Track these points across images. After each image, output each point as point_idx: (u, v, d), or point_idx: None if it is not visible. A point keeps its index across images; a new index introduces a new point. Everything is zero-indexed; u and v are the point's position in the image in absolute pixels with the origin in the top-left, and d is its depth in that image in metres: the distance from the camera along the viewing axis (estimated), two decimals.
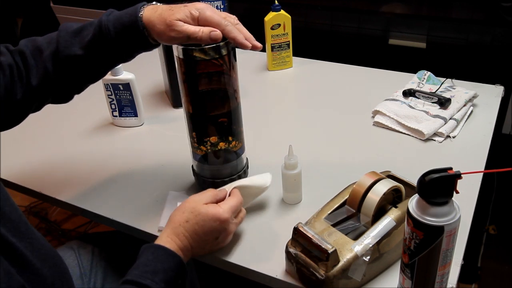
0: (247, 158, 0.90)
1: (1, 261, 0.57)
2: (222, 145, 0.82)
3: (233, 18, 0.74)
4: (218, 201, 0.75)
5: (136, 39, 0.73)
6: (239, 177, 0.86)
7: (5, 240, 0.60)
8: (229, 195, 0.77)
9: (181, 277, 0.69)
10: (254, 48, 0.73)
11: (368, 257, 0.65)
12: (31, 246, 0.64)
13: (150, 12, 0.72)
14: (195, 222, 0.71)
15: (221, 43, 0.73)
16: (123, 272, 0.68)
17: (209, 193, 0.75)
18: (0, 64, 0.76)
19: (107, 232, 1.01)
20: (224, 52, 0.74)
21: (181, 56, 0.74)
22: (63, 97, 0.84)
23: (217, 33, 0.70)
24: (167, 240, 0.70)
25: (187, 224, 0.71)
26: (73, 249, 0.93)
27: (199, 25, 0.71)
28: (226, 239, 0.75)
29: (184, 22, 0.70)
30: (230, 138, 0.82)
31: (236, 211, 0.75)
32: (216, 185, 0.83)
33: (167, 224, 0.73)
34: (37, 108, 0.83)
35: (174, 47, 0.75)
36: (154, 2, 0.76)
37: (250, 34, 0.73)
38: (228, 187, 0.79)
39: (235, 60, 0.77)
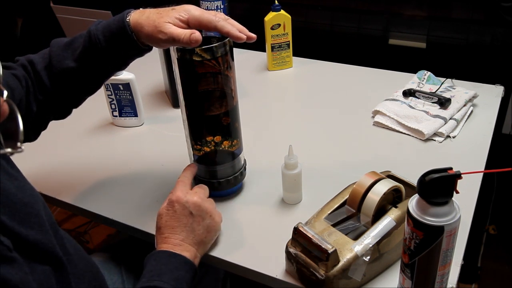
0: (244, 158, 0.89)
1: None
2: (226, 143, 0.82)
3: (222, 15, 0.73)
4: None
5: (126, 44, 0.74)
6: (238, 176, 0.86)
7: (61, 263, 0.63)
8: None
9: (192, 274, 0.71)
10: (249, 39, 0.72)
11: (368, 257, 0.65)
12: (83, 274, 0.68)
13: (137, 15, 0.73)
14: (165, 221, 0.74)
15: (217, 44, 0.73)
16: None
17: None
18: (16, 76, 0.76)
19: (136, 247, 0.98)
20: (220, 53, 0.74)
21: (178, 58, 0.75)
22: (62, 112, 0.84)
23: (196, 35, 0.69)
24: (160, 247, 0.73)
25: (161, 229, 0.74)
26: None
27: (190, 26, 0.71)
28: (212, 215, 0.76)
29: (174, 25, 0.70)
30: (232, 137, 0.82)
31: (187, 185, 0.77)
32: (212, 186, 0.83)
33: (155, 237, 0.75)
34: (44, 125, 0.83)
35: (171, 48, 0.76)
36: (141, 8, 0.76)
37: (243, 26, 0.73)
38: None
39: (233, 60, 0.77)
